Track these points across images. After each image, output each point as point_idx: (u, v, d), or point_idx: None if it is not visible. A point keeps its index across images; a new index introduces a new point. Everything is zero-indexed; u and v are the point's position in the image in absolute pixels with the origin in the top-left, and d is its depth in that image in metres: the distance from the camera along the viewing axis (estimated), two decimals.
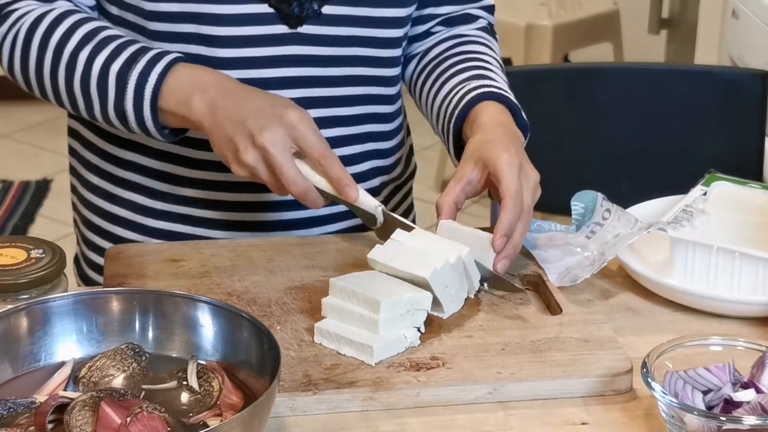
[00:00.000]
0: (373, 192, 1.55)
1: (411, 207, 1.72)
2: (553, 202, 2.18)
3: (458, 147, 1.48)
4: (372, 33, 1.50)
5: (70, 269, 1.50)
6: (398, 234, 1.31)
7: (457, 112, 1.47)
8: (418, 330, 1.23)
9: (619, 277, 1.40)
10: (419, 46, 1.61)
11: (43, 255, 1.21)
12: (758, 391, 1.10)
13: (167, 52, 1.39)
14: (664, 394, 1.08)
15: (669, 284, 1.34)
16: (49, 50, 1.43)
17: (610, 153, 2.04)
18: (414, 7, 1.55)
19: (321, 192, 1.35)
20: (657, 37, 4.10)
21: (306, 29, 1.45)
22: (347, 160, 1.50)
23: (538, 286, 1.35)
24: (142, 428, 0.98)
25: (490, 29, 1.64)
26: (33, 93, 1.49)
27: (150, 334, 1.12)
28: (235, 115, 1.33)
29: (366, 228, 1.42)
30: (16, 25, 1.45)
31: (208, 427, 1.00)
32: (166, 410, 1.02)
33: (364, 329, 1.21)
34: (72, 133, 1.60)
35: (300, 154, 1.34)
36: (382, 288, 1.23)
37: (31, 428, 1.01)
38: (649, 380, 1.09)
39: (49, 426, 1.01)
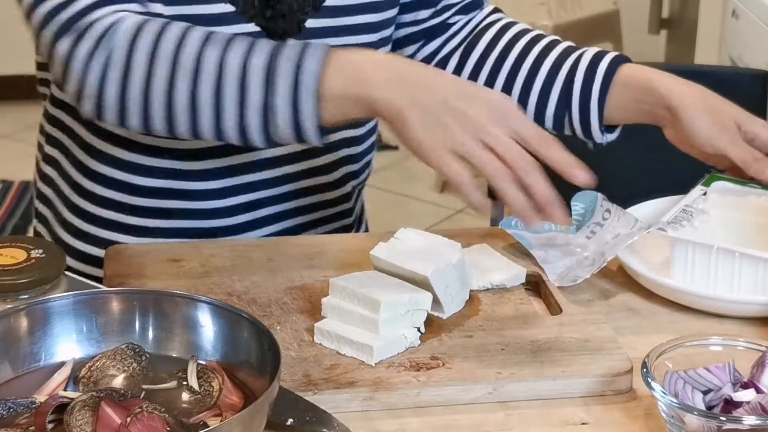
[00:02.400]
0: (346, 196, 1.55)
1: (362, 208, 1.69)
2: None
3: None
4: (350, 41, 1.48)
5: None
6: (401, 233, 1.31)
7: (599, 76, 1.47)
8: (418, 330, 1.23)
9: (619, 277, 1.40)
10: (444, 42, 1.59)
11: (43, 255, 1.21)
12: (758, 391, 1.10)
13: (307, 43, 1.25)
14: (664, 394, 1.08)
15: (669, 284, 1.34)
16: (162, 59, 1.25)
17: (609, 153, 2.04)
18: (394, 11, 1.53)
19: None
20: (657, 37, 4.10)
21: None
22: (322, 170, 1.49)
23: (538, 286, 1.36)
24: (142, 428, 0.98)
25: (497, 9, 1.64)
26: (126, 121, 1.29)
27: (150, 334, 1.12)
28: (435, 96, 1.19)
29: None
30: (105, 40, 1.27)
31: (208, 427, 1.00)
32: (166, 410, 1.02)
33: (364, 329, 1.21)
34: (53, 142, 1.54)
35: None
36: (382, 288, 1.23)
37: (31, 428, 1.01)
38: (649, 380, 1.09)
39: (49, 426, 1.01)
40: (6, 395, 1.05)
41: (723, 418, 1.06)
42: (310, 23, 1.45)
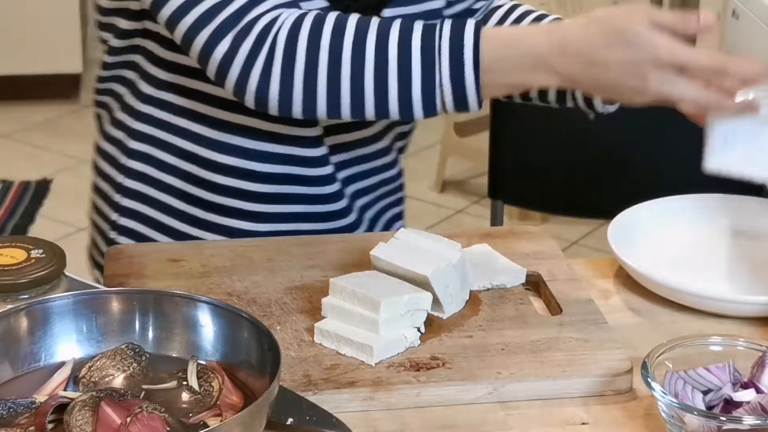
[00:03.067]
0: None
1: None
2: (553, 203, 2.19)
3: None
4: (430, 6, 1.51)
5: (80, 264, 1.49)
6: (401, 233, 1.31)
7: None
8: (418, 330, 1.23)
9: (619, 277, 1.40)
10: None
11: (43, 255, 1.21)
12: (758, 391, 1.10)
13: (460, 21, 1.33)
14: (664, 394, 1.08)
15: (669, 284, 1.34)
16: (323, 50, 1.32)
17: (609, 153, 2.05)
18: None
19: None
20: None
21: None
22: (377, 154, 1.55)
23: (538, 286, 1.36)
24: (142, 428, 0.98)
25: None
26: (289, 109, 1.35)
27: (150, 334, 1.12)
28: (604, 80, 1.27)
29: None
30: (269, 38, 1.33)
31: (208, 427, 1.00)
32: (166, 410, 1.02)
33: (364, 329, 1.21)
34: (141, 135, 1.54)
35: None
36: (382, 288, 1.23)
37: (31, 428, 1.01)
38: (649, 380, 1.09)
39: (49, 426, 1.01)
40: (6, 395, 1.05)
41: (723, 418, 1.06)
42: (386, 12, 1.46)
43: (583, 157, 2.05)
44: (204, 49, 1.35)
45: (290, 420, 1.07)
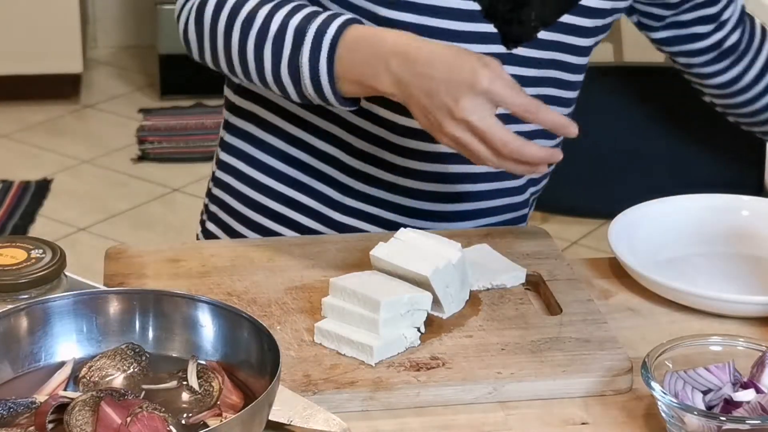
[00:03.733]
0: (525, 203, 1.61)
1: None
2: (553, 202, 2.19)
3: None
4: (568, 59, 1.53)
5: (80, 264, 1.49)
6: (401, 233, 1.31)
7: None
8: (418, 330, 1.23)
9: (619, 277, 1.40)
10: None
11: (43, 255, 1.21)
12: (758, 391, 1.10)
13: (344, 13, 1.37)
14: (664, 394, 1.08)
15: (669, 284, 1.34)
16: (226, 9, 1.40)
17: (609, 154, 2.05)
18: (603, 35, 1.57)
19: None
20: None
21: (517, 51, 1.48)
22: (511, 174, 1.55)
23: (538, 286, 1.36)
24: (142, 428, 0.98)
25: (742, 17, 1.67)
26: (204, 60, 1.46)
27: (150, 334, 1.12)
28: (426, 88, 1.29)
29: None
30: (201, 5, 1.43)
31: (208, 427, 1.00)
32: (166, 410, 1.02)
33: (364, 329, 1.21)
34: (247, 115, 1.57)
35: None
36: (382, 288, 1.23)
37: (31, 428, 1.01)
38: (649, 380, 1.09)
39: (49, 426, 1.01)
40: (6, 395, 1.05)
41: (723, 418, 1.06)
42: (541, 35, 1.48)
43: (584, 156, 2.05)
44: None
45: (290, 420, 1.07)
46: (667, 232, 1.46)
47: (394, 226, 1.48)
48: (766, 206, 1.49)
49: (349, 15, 1.35)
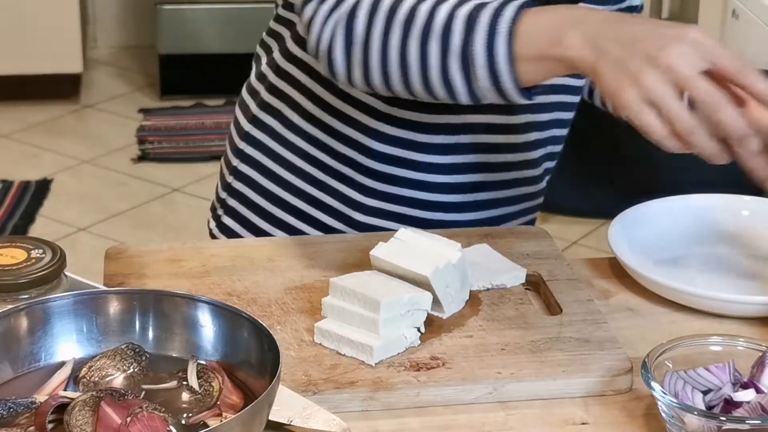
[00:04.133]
0: (542, 192, 1.63)
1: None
2: (553, 202, 2.19)
3: None
4: (568, 99, 1.55)
5: (80, 264, 1.49)
6: (401, 233, 1.31)
7: None
8: (418, 330, 1.23)
9: (619, 277, 1.40)
10: None
11: (43, 255, 1.21)
12: (758, 391, 1.10)
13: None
14: (664, 394, 1.08)
15: (668, 284, 1.34)
16: (381, 12, 1.30)
17: (610, 153, 2.04)
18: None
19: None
20: None
21: None
22: (530, 164, 1.56)
23: (538, 286, 1.36)
24: (142, 428, 0.98)
25: None
26: (350, 76, 1.34)
27: (150, 334, 1.12)
28: (625, 37, 1.17)
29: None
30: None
31: (208, 427, 1.00)
32: (166, 410, 1.02)
33: (364, 329, 1.21)
34: (273, 112, 1.57)
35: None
36: (382, 288, 1.23)
37: (31, 428, 1.01)
38: (649, 380, 1.09)
39: (49, 426, 1.01)
40: (6, 395, 1.05)
41: (723, 418, 1.06)
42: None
43: (584, 156, 2.05)
44: (300, 15, 1.37)
45: (290, 420, 1.07)
46: (667, 232, 1.46)
47: (416, 222, 1.50)
48: (766, 206, 1.49)
49: (517, 4, 1.26)
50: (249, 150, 1.60)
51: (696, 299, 1.33)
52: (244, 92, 1.64)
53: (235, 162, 1.61)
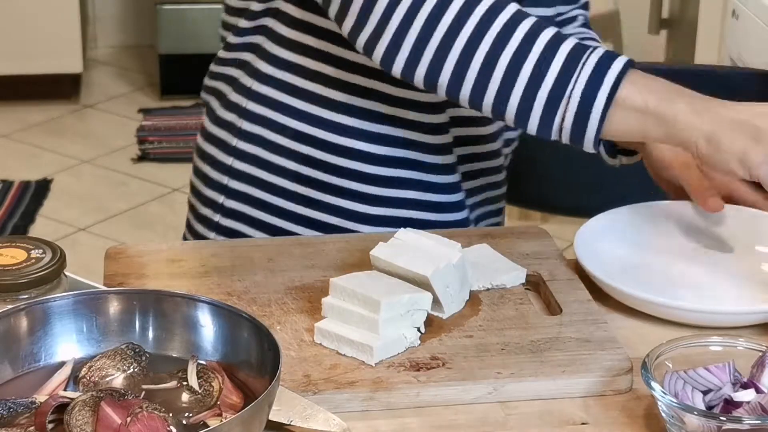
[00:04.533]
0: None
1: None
2: (554, 203, 2.19)
3: None
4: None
5: (80, 264, 1.48)
6: (401, 233, 1.31)
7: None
8: (418, 330, 1.23)
9: None
10: None
11: (43, 255, 1.21)
12: (758, 391, 1.10)
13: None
14: (664, 394, 1.08)
15: (635, 294, 1.32)
16: (474, 15, 1.29)
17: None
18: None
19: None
20: (657, 37, 4.10)
21: None
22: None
23: (538, 286, 1.36)
24: (142, 428, 0.98)
25: (587, 25, 1.67)
26: (416, 68, 1.32)
27: (150, 334, 1.12)
28: (735, 116, 1.26)
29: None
30: None
31: (208, 427, 1.00)
32: (166, 410, 1.02)
33: (364, 329, 1.21)
34: (256, 139, 1.54)
35: None
36: (382, 288, 1.23)
37: (31, 428, 1.01)
38: (649, 380, 1.09)
39: (49, 426, 1.01)
40: (6, 395, 1.05)
41: (723, 418, 1.06)
42: None
43: (583, 157, 2.05)
44: None
45: (290, 420, 1.07)
46: (635, 239, 1.45)
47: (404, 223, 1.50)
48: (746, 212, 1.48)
49: (624, 56, 1.29)
50: (234, 184, 1.56)
51: (684, 313, 1.31)
52: (211, 130, 1.59)
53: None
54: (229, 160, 1.56)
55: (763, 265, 1.42)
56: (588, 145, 1.30)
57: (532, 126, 1.31)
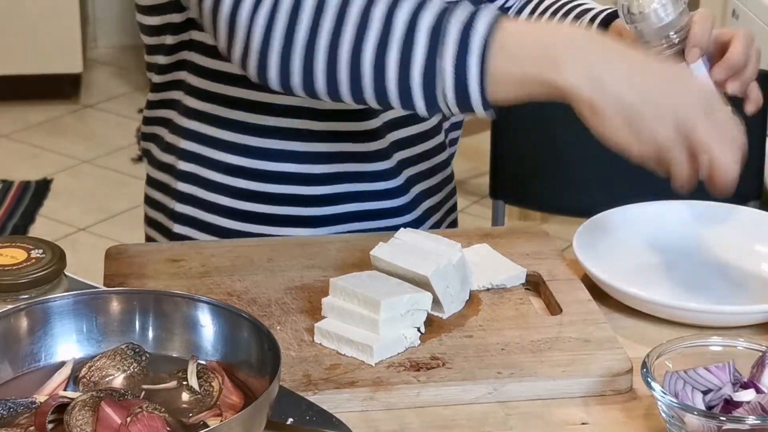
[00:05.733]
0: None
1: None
2: (554, 203, 2.19)
3: None
4: None
5: (80, 264, 1.48)
6: (401, 233, 1.31)
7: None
8: (418, 330, 1.23)
9: None
10: None
11: (43, 255, 1.21)
12: (758, 391, 1.10)
13: (482, 7, 1.18)
14: (664, 394, 1.08)
15: (639, 296, 1.32)
16: (329, 10, 1.19)
17: (610, 154, 2.04)
18: None
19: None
20: None
21: None
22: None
23: (538, 286, 1.36)
24: (142, 428, 0.98)
25: None
26: (289, 79, 1.22)
27: (150, 334, 1.12)
28: (639, 86, 1.13)
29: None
30: None
31: (208, 427, 1.00)
32: (166, 410, 1.02)
33: (364, 329, 1.21)
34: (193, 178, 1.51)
35: None
36: (382, 288, 1.23)
37: (31, 428, 1.01)
38: (649, 380, 1.09)
39: (49, 426, 1.01)
40: (6, 395, 1.05)
41: (723, 418, 1.06)
42: None
43: (583, 157, 2.05)
44: (210, 10, 1.24)
45: (290, 420, 1.07)
46: (637, 239, 1.45)
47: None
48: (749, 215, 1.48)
49: (493, 9, 1.18)
50: (177, 228, 1.52)
51: (693, 314, 1.31)
52: (154, 175, 1.55)
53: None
54: (171, 204, 1.53)
55: (763, 265, 1.42)
56: (481, 116, 1.19)
57: (420, 108, 1.20)
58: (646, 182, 1.61)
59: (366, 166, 1.50)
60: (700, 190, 1.49)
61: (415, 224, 1.55)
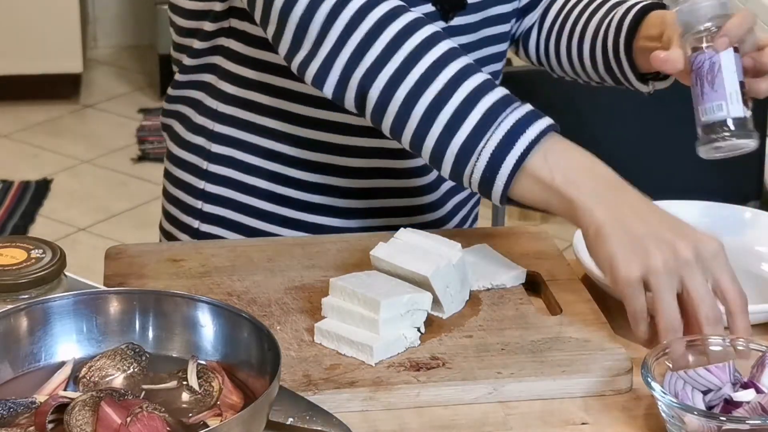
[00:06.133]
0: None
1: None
2: None
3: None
4: (500, 10, 1.53)
5: (80, 264, 1.48)
6: (401, 233, 1.31)
7: (627, 22, 1.49)
8: (418, 330, 1.23)
9: None
10: (532, 17, 1.63)
11: (43, 255, 1.21)
12: (758, 391, 1.10)
13: (540, 113, 1.26)
14: (664, 394, 1.08)
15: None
16: (403, 46, 1.27)
17: (610, 154, 2.04)
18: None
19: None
20: None
21: (454, 21, 1.47)
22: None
23: (538, 286, 1.36)
24: (142, 428, 0.98)
25: None
26: (340, 95, 1.31)
27: (150, 334, 1.12)
28: (645, 224, 1.19)
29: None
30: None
31: (208, 427, 1.00)
32: (166, 410, 1.02)
33: (364, 329, 1.21)
34: (227, 161, 1.52)
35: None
36: (382, 288, 1.23)
37: (31, 428, 1.01)
38: (649, 380, 1.09)
39: (49, 426, 1.01)
40: (6, 395, 1.05)
41: (723, 418, 1.06)
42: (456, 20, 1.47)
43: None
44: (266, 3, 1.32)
45: (290, 420, 1.07)
46: None
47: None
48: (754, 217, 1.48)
49: (547, 119, 1.25)
50: (208, 207, 1.54)
51: None
52: (180, 154, 1.56)
53: (197, 224, 1.55)
54: (201, 184, 1.54)
55: (763, 265, 1.42)
56: (496, 203, 1.27)
57: (445, 171, 1.28)
58: (646, 182, 1.61)
59: (401, 162, 1.52)
60: (701, 190, 1.49)
61: (444, 221, 1.56)
